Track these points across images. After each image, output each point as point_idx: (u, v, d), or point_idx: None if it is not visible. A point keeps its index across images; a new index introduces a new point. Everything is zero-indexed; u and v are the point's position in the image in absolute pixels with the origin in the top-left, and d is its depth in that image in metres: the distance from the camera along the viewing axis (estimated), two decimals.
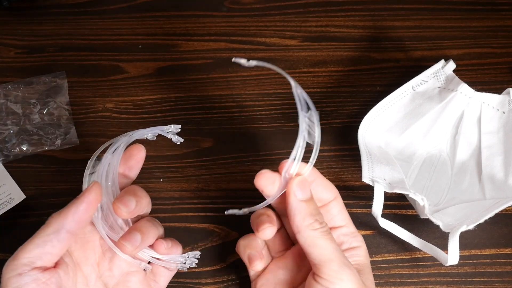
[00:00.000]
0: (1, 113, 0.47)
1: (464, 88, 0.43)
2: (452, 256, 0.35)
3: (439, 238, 0.41)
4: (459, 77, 0.44)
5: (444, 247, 0.36)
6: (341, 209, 0.34)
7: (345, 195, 0.44)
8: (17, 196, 0.43)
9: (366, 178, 0.38)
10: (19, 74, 0.49)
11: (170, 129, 0.35)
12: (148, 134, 0.35)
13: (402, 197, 0.42)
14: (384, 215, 0.38)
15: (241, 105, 0.48)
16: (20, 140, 0.46)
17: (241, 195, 0.44)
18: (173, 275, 0.36)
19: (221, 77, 0.49)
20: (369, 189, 0.38)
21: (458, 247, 0.35)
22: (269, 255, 0.36)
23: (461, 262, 0.36)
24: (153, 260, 0.34)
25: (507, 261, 0.41)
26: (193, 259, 0.36)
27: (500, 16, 0.53)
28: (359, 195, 0.44)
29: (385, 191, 0.37)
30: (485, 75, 0.49)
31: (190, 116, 0.47)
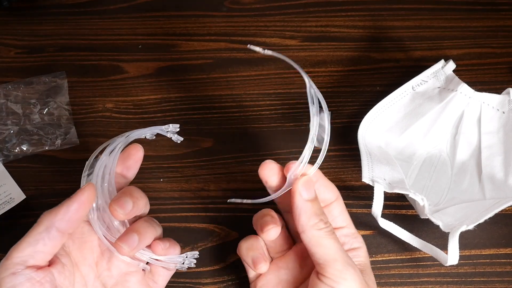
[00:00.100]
0: (1, 113, 0.47)
1: (464, 88, 0.43)
2: (452, 256, 0.35)
3: (439, 238, 0.41)
4: (459, 77, 0.44)
5: (444, 247, 0.36)
6: (342, 210, 0.34)
7: (345, 195, 0.44)
8: (17, 196, 0.43)
9: (366, 178, 0.38)
10: (19, 74, 0.49)
11: (169, 129, 0.35)
12: (146, 134, 0.35)
13: (402, 197, 0.42)
14: (384, 215, 0.38)
15: (241, 105, 0.48)
16: (20, 140, 0.46)
17: (241, 195, 0.44)
18: (172, 275, 0.36)
19: (221, 77, 0.49)
20: (369, 189, 0.38)
21: (458, 247, 0.35)
22: (268, 256, 0.36)
23: (461, 262, 0.36)
24: (151, 260, 0.34)
25: (507, 261, 0.41)
26: (191, 259, 0.36)
27: (500, 16, 0.53)
28: (359, 195, 0.44)
29: (385, 191, 0.37)
30: (485, 75, 0.49)
31: (190, 116, 0.47)
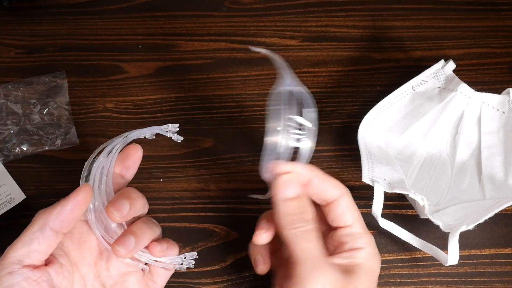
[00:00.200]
0: (1, 113, 0.47)
1: (464, 88, 0.43)
2: (452, 256, 0.35)
3: (439, 238, 0.41)
4: (459, 77, 0.44)
5: (444, 247, 0.36)
6: (347, 208, 0.33)
7: None
8: (17, 196, 0.43)
9: (366, 178, 0.38)
10: (19, 74, 0.49)
11: (168, 128, 0.35)
12: (146, 134, 0.35)
13: (402, 197, 0.42)
14: (384, 215, 0.38)
15: (241, 105, 0.48)
16: (20, 140, 0.46)
17: (241, 195, 0.44)
18: (171, 275, 0.36)
19: (221, 77, 0.49)
20: (369, 189, 0.38)
21: (458, 247, 0.35)
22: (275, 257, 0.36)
23: (461, 262, 0.36)
24: (149, 261, 0.34)
25: (507, 261, 0.41)
26: (190, 260, 0.36)
27: (500, 16, 0.53)
28: (359, 195, 0.44)
29: (385, 191, 0.37)
30: (485, 75, 0.49)
31: (190, 116, 0.47)
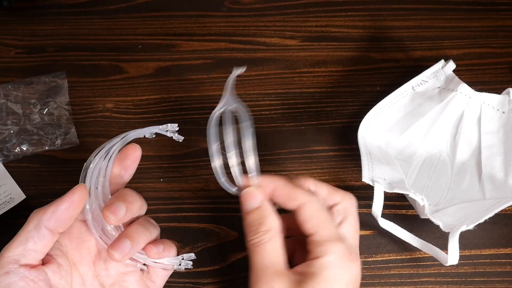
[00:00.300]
0: (1, 113, 0.47)
1: (464, 88, 0.43)
2: (452, 256, 0.35)
3: (439, 238, 0.41)
4: (459, 77, 0.44)
5: (444, 247, 0.36)
6: (308, 217, 0.32)
7: None
8: (17, 196, 0.43)
9: (366, 178, 0.38)
10: (19, 74, 0.49)
11: (167, 128, 0.35)
12: (144, 134, 0.35)
13: (402, 197, 0.42)
14: (384, 215, 0.38)
15: None
16: (20, 140, 0.46)
17: None
18: (169, 275, 0.36)
19: (221, 77, 0.49)
20: (369, 189, 0.38)
21: (458, 247, 0.35)
22: None
23: (461, 262, 0.36)
24: (147, 262, 0.34)
25: (507, 261, 0.41)
26: (187, 261, 0.36)
27: (500, 16, 0.52)
28: (359, 195, 0.44)
29: (385, 191, 0.37)
30: (485, 75, 0.49)
31: (190, 116, 0.47)
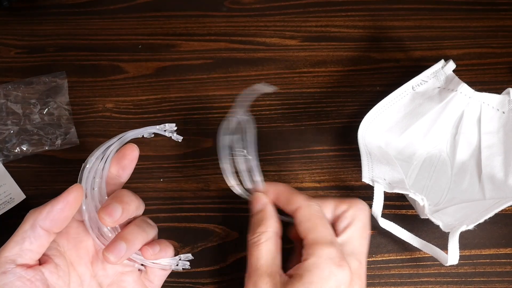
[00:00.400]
0: (1, 113, 0.47)
1: (464, 88, 0.43)
2: (452, 256, 0.35)
3: (439, 238, 0.41)
4: (459, 77, 0.44)
5: (444, 247, 0.36)
6: (300, 221, 0.33)
7: (345, 195, 0.44)
8: (17, 196, 0.43)
9: (366, 178, 0.38)
10: (19, 74, 0.49)
11: (165, 128, 0.35)
12: (142, 134, 0.35)
13: (402, 197, 0.42)
14: (384, 215, 0.38)
15: None
16: (20, 140, 0.46)
17: None
18: (168, 275, 0.36)
19: (221, 77, 0.49)
20: (369, 189, 0.38)
21: (458, 247, 0.35)
22: None
23: (461, 262, 0.36)
24: (144, 262, 0.34)
25: (507, 261, 0.41)
26: (185, 261, 0.36)
27: (500, 16, 0.52)
28: (359, 195, 0.44)
29: (385, 191, 0.37)
30: (485, 75, 0.49)
31: (190, 116, 0.47)
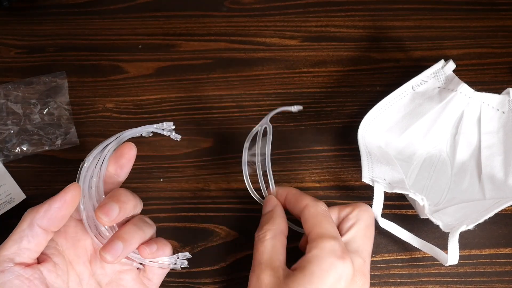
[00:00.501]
0: (1, 113, 0.47)
1: (464, 88, 0.43)
2: (452, 256, 0.35)
3: (439, 238, 0.41)
4: (459, 77, 0.44)
5: (444, 247, 0.36)
6: (305, 220, 0.34)
7: (345, 195, 0.44)
8: (17, 196, 0.43)
9: (366, 178, 0.38)
10: (19, 74, 0.49)
11: (163, 127, 0.35)
12: (140, 133, 0.35)
13: (402, 197, 0.42)
14: (384, 215, 0.38)
15: (241, 105, 0.48)
16: (20, 140, 0.46)
17: (241, 195, 0.44)
18: (166, 273, 0.37)
19: (221, 77, 0.49)
20: (369, 189, 0.38)
21: (458, 247, 0.35)
22: None
23: (461, 262, 0.36)
24: (142, 261, 0.35)
25: (507, 261, 0.41)
26: (182, 260, 0.36)
27: (500, 16, 0.53)
28: (359, 195, 0.44)
29: (385, 191, 0.37)
30: (485, 75, 0.49)
31: (190, 116, 0.47)
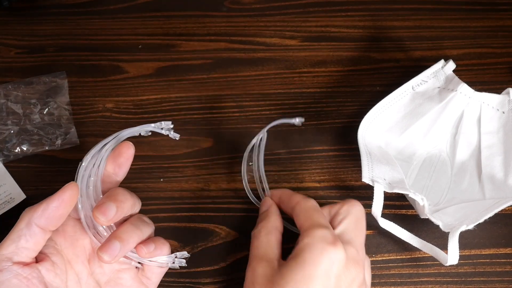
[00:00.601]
0: (1, 113, 0.47)
1: (464, 88, 0.43)
2: (452, 256, 0.35)
3: (439, 238, 0.41)
4: (459, 77, 0.44)
5: (444, 247, 0.36)
6: (296, 216, 0.35)
7: (345, 195, 0.44)
8: (17, 196, 0.43)
9: (366, 178, 0.38)
10: (19, 74, 0.49)
11: (162, 126, 0.35)
12: (138, 132, 0.35)
13: (402, 197, 0.42)
14: (384, 215, 0.38)
15: (241, 105, 0.48)
16: (20, 140, 0.46)
17: (241, 195, 0.44)
18: (165, 272, 0.37)
19: (221, 77, 0.49)
20: (369, 189, 0.38)
21: (458, 247, 0.35)
22: None
23: (461, 262, 0.36)
24: (140, 260, 0.35)
25: (507, 261, 0.41)
26: (181, 259, 0.36)
27: (500, 16, 0.53)
28: (359, 195, 0.44)
29: (385, 191, 0.37)
30: (485, 75, 0.49)
31: (190, 116, 0.47)
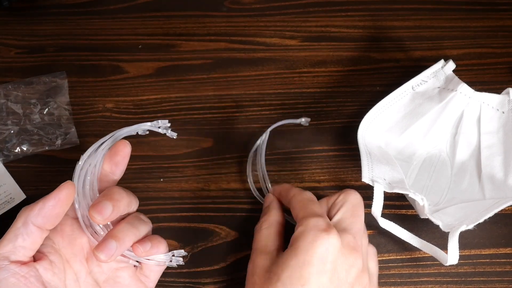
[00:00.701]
0: (1, 113, 0.47)
1: (464, 88, 0.43)
2: (452, 255, 0.35)
3: (439, 238, 0.41)
4: (459, 77, 0.44)
5: (444, 247, 0.36)
6: (293, 208, 0.36)
7: None
8: (17, 196, 0.43)
9: (366, 178, 0.38)
10: (19, 74, 0.49)
11: (159, 125, 0.35)
12: (135, 131, 0.35)
13: (402, 197, 0.42)
14: (384, 215, 0.38)
15: (241, 105, 0.48)
16: (20, 140, 0.46)
17: (241, 195, 0.44)
18: (163, 270, 0.37)
19: (221, 77, 0.49)
20: (369, 189, 0.38)
21: (458, 246, 0.35)
22: None
23: (461, 262, 0.36)
24: (137, 259, 0.35)
25: (507, 261, 0.41)
26: (178, 258, 0.36)
27: (500, 16, 0.53)
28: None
29: (385, 191, 0.37)
30: (485, 75, 0.49)
31: (190, 116, 0.47)
